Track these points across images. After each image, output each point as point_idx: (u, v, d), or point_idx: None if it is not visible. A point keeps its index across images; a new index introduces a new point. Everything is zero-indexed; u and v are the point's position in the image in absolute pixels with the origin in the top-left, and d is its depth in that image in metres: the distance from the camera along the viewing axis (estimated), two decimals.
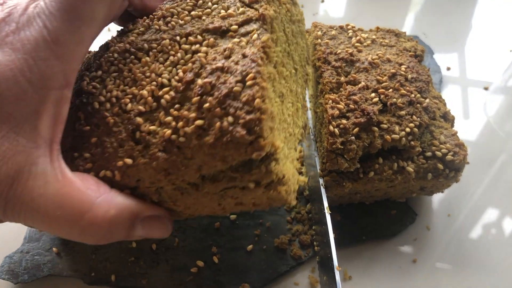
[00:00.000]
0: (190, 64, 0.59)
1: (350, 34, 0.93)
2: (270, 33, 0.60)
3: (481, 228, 0.91)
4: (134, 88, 0.62)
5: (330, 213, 0.75)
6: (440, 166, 0.79)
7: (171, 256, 0.85)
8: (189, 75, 0.58)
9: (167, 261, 0.85)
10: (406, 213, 0.91)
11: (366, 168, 0.79)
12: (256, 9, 0.61)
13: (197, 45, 0.61)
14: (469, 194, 0.96)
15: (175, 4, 0.68)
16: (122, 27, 0.71)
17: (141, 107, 0.60)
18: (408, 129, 0.78)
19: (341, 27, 0.94)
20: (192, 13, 0.65)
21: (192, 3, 0.67)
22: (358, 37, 0.91)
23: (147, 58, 0.63)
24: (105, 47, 0.69)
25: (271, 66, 0.59)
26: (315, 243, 0.85)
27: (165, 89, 0.60)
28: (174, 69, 0.61)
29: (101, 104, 0.63)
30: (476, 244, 0.89)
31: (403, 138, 0.77)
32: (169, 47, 0.63)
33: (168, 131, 0.57)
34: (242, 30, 0.60)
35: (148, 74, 0.62)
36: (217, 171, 0.56)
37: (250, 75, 0.54)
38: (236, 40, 0.59)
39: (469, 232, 0.91)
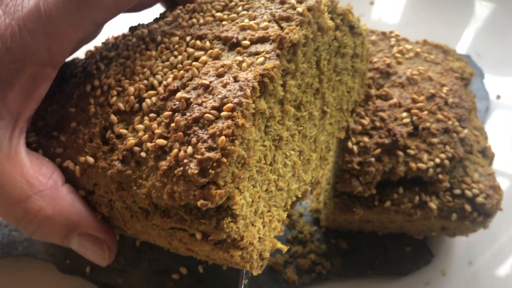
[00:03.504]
0: (182, 72, 0.55)
1: (392, 42, 0.86)
2: (283, 61, 0.53)
3: (505, 283, 0.84)
4: (127, 81, 0.59)
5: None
6: (468, 207, 0.72)
7: (154, 257, 0.81)
8: (175, 84, 0.54)
9: (149, 261, 0.80)
10: (422, 252, 0.84)
11: (383, 196, 0.73)
12: (282, 28, 0.55)
13: (201, 52, 0.57)
14: (498, 243, 0.88)
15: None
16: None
17: (121, 105, 0.57)
18: (438, 160, 0.71)
19: (383, 33, 0.88)
20: (217, 14, 0.61)
21: (224, 3, 0.62)
22: (400, 47, 0.84)
23: (153, 52, 0.60)
24: (133, 29, 0.67)
25: (269, 100, 0.53)
26: None
27: (151, 92, 0.56)
28: (170, 71, 0.57)
29: (93, 88, 0.61)
30: None
31: (431, 169, 0.71)
32: (176, 45, 0.59)
33: (132, 141, 0.53)
34: (253, 48, 0.54)
35: (145, 70, 0.59)
36: (169, 205, 0.51)
37: (229, 105, 0.48)
38: (239, 58, 0.53)
39: (489, 286, 0.83)
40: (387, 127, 0.72)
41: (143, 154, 0.52)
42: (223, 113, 0.48)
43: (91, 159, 0.56)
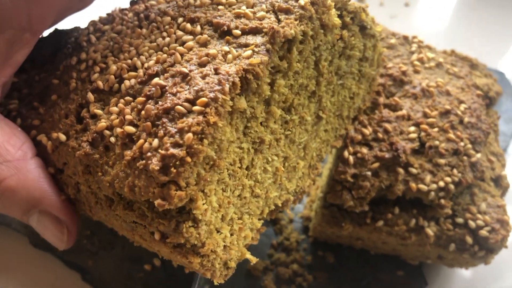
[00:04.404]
0: (165, 56, 0.52)
1: (413, 48, 0.79)
2: (274, 58, 0.49)
3: None
4: (112, 58, 0.56)
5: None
6: (469, 239, 0.66)
7: (130, 242, 0.76)
8: (155, 68, 0.51)
9: (124, 247, 0.77)
10: (415, 278, 0.78)
11: (377, 214, 0.67)
12: (279, 21, 0.50)
13: (190, 36, 0.53)
14: (500, 282, 0.81)
15: None
16: None
17: (100, 83, 0.53)
18: (442, 183, 0.65)
19: (405, 38, 0.81)
20: None
21: None
22: (421, 55, 0.78)
23: (143, 31, 0.57)
24: (133, 3, 0.64)
25: (252, 99, 0.49)
26: None
27: (132, 73, 0.52)
28: (155, 53, 0.53)
29: (78, 62, 0.58)
30: None
31: (432, 192, 0.65)
32: (167, 26, 0.56)
33: (104, 124, 0.50)
34: (243, 39, 0.50)
35: (131, 49, 0.55)
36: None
37: (203, 99, 0.45)
38: (225, 48, 0.49)
39: None
40: (390, 140, 0.66)
41: (112, 139, 0.49)
42: (196, 107, 0.45)
43: (63, 137, 0.53)
